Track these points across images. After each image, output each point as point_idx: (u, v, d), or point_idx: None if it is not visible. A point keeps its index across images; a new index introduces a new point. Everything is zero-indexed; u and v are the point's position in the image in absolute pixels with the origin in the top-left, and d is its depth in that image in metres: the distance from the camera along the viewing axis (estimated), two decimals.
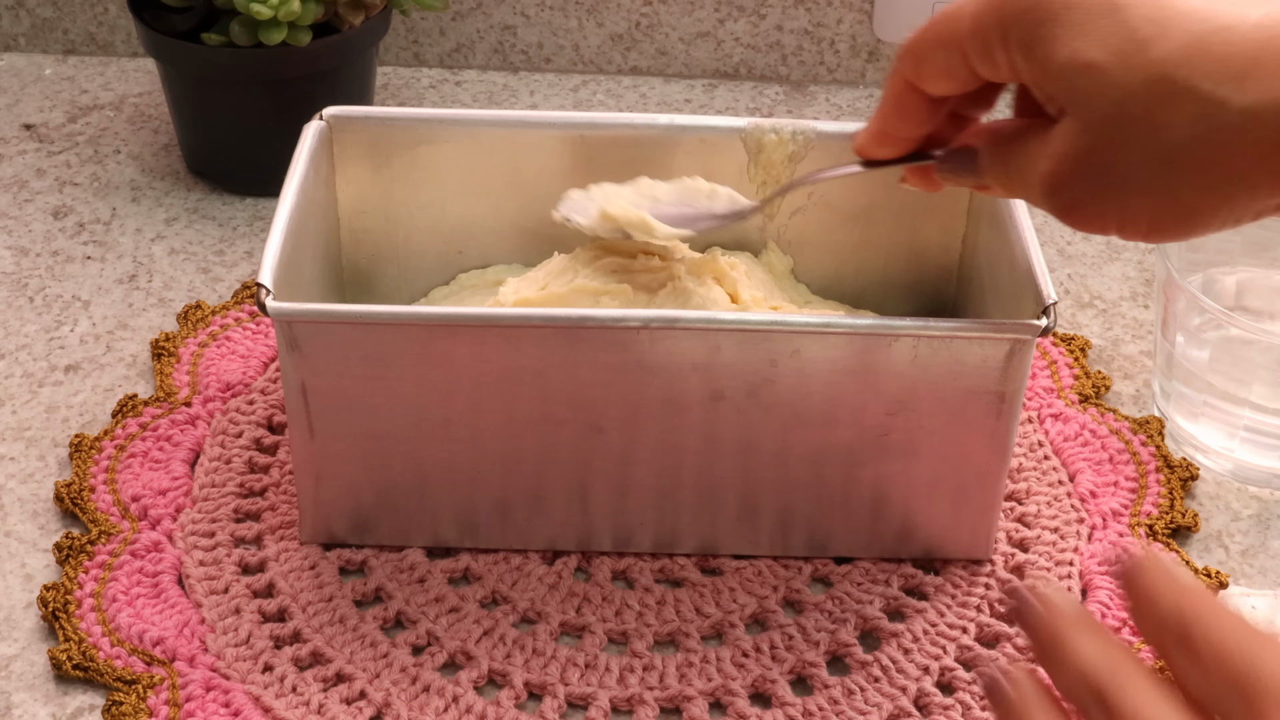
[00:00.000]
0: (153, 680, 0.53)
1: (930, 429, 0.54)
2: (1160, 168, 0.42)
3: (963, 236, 0.64)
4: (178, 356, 0.67)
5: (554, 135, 0.62)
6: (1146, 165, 0.42)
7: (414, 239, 0.65)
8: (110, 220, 0.77)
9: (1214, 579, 0.57)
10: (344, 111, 0.62)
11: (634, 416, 0.54)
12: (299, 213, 0.57)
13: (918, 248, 0.64)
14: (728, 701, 0.53)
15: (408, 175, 0.63)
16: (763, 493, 0.56)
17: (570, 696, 0.53)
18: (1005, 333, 0.52)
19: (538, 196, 0.63)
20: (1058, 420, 0.65)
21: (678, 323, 0.52)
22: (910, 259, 0.65)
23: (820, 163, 0.62)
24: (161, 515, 0.59)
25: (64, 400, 0.65)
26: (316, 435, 0.55)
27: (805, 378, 0.53)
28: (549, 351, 0.52)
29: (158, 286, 0.72)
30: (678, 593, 0.57)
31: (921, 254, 0.64)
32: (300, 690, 0.53)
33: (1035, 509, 0.60)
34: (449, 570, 0.57)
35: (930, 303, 0.65)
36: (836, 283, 0.65)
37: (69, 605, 0.55)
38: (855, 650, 0.55)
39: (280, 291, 0.53)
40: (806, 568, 0.58)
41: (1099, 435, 0.64)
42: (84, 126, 0.84)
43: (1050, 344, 0.69)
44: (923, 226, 0.64)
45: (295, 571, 0.57)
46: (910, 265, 0.65)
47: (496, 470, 0.56)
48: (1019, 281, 0.55)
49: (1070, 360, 0.68)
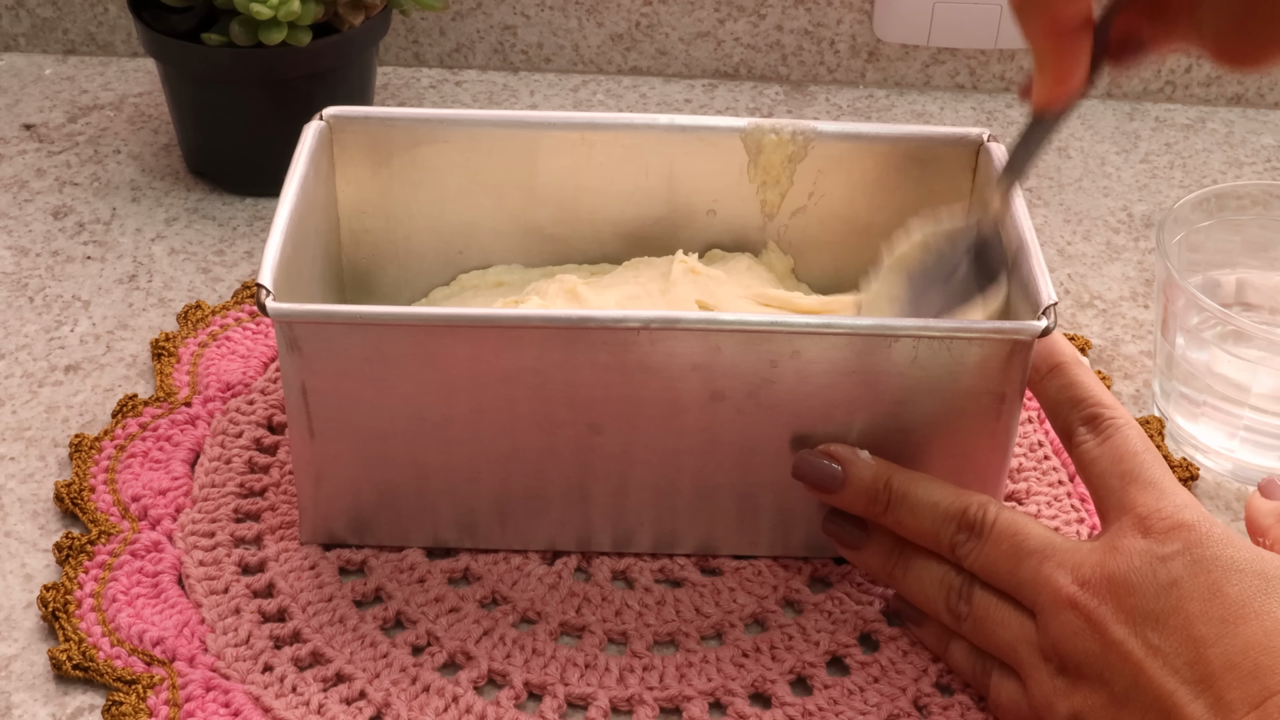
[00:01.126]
0: (153, 680, 0.53)
1: (930, 430, 0.54)
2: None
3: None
4: (178, 356, 0.67)
5: (554, 135, 0.62)
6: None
7: (414, 239, 0.65)
8: (110, 220, 0.77)
9: None
10: (344, 111, 0.62)
11: (634, 417, 0.54)
12: (299, 213, 0.57)
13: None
14: (727, 701, 0.53)
15: (408, 175, 0.63)
16: (762, 493, 0.56)
17: (570, 696, 0.53)
18: (1005, 334, 0.52)
19: (538, 196, 0.63)
20: None
21: (678, 323, 0.52)
22: None
23: (820, 164, 0.62)
24: (161, 515, 0.59)
25: (64, 400, 0.65)
26: (316, 435, 0.55)
27: (805, 378, 0.53)
28: (548, 352, 0.52)
29: (158, 286, 0.72)
30: (677, 593, 0.57)
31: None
32: (300, 690, 0.53)
33: (1035, 509, 0.60)
34: (449, 570, 0.57)
35: None
36: (836, 283, 0.65)
37: (69, 605, 0.55)
38: (855, 651, 0.55)
39: (280, 292, 0.53)
40: (806, 568, 0.58)
41: None
42: (84, 126, 0.84)
43: None
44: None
45: (295, 571, 0.57)
46: None
47: (496, 470, 0.56)
48: (1019, 282, 0.55)
49: None
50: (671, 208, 0.64)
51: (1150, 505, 0.49)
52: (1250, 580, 0.46)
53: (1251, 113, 0.90)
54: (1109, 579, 0.47)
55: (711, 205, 0.64)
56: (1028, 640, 0.49)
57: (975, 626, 0.51)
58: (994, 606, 0.51)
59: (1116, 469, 0.50)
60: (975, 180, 0.62)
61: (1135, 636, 0.46)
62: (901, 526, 0.53)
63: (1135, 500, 0.49)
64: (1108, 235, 0.78)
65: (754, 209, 0.64)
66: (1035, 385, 0.55)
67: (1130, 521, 0.49)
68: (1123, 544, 0.48)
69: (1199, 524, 0.48)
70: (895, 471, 0.53)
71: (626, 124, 0.63)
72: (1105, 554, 0.48)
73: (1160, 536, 0.48)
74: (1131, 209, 0.81)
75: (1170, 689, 0.45)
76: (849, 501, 0.54)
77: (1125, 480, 0.50)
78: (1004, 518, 0.51)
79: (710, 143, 0.62)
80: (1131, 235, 0.78)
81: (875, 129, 0.63)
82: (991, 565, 0.51)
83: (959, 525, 0.52)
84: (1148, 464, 0.50)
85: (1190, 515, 0.48)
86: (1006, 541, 0.50)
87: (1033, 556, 0.50)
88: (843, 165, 0.62)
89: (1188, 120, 0.89)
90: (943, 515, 0.52)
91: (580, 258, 0.65)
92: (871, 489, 0.53)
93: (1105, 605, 0.47)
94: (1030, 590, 0.49)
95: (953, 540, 0.52)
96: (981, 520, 0.51)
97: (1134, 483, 0.50)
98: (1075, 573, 0.48)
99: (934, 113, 0.89)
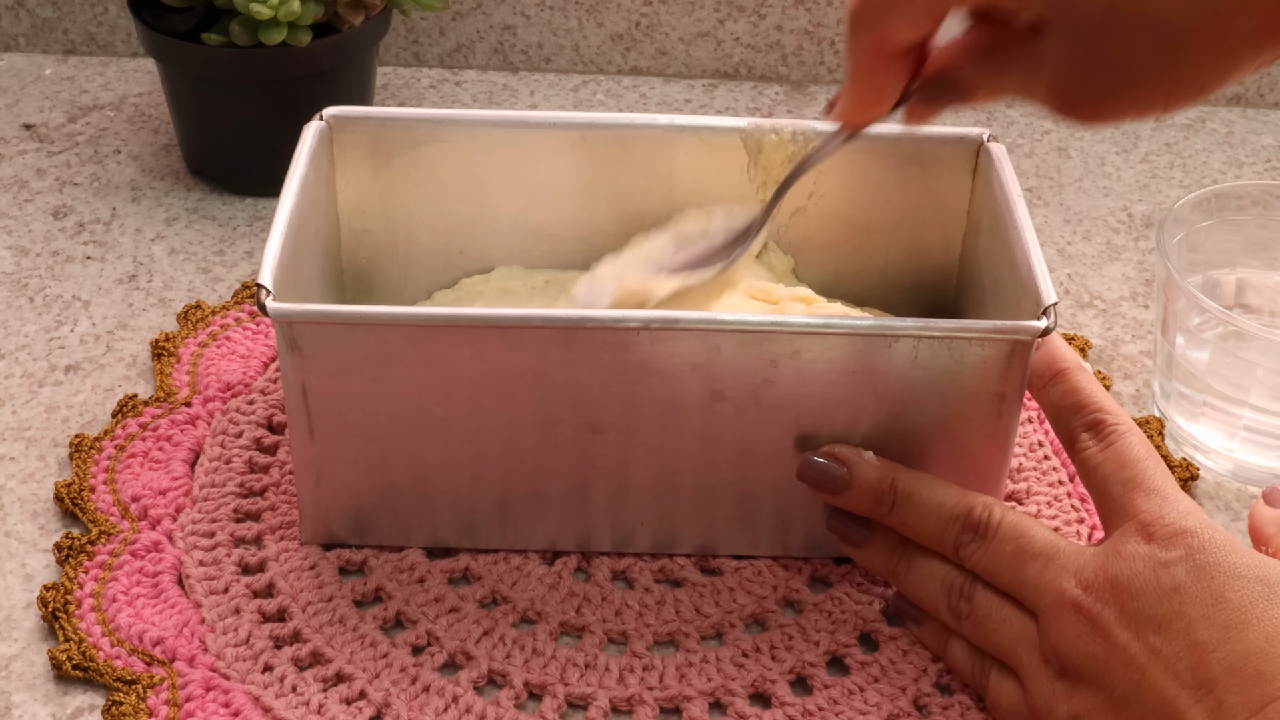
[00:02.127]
0: (153, 680, 0.53)
1: (931, 430, 0.54)
2: (1164, 53, 0.43)
3: (963, 236, 0.64)
4: (178, 356, 0.67)
5: (554, 135, 0.62)
6: (1150, 54, 0.43)
7: (414, 239, 0.64)
8: (110, 220, 0.77)
9: None
10: (344, 111, 0.62)
11: (633, 417, 0.54)
12: (299, 213, 0.57)
13: (918, 249, 0.64)
14: (727, 701, 0.53)
15: (408, 175, 0.63)
16: (762, 493, 0.56)
17: (570, 696, 0.53)
18: (1005, 334, 0.52)
19: (538, 196, 0.63)
20: None
21: (678, 323, 0.52)
22: (910, 260, 0.65)
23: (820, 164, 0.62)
24: (161, 515, 0.59)
25: (64, 400, 0.65)
26: (316, 436, 0.55)
27: (805, 378, 0.53)
28: (548, 352, 0.52)
29: (158, 286, 0.72)
30: (677, 593, 0.57)
31: (921, 255, 0.64)
32: (300, 690, 0.53)
33: (1035, 509, 0.60)
34: (449, 570, 0.57)
35: (930, 303, 0.65)
36: (836, 283, 0.65)
37: (69, 605, 0.55)
38: (855, 650, 0.55)
39: (280, 292, 0.53)
40: (806, 568, 0.58)
41: None
42: (84, 126, 0.84)
43: None
44: (923, 228, 0.64)
45: (295, 571, 0.57)
46: (910, 266, 0.65)
47: (496, 470, 0.56)
48: (1019, 282, 0.55)
49: None
50: (671, 207, 0.63)
51: (1153, 511, 0.49)
52: (1252, 586, 0.46)
53: (1251, 113, 0.90)
54: (1112, 583, 0.47)
55: (711, 205, 0.64)
56: (1028, 641, 0.49)
57: (976, 626, 0.51)
58: (996, 606, 0.51)
59: (1119, 475, 0.50)
60: (975, 180, 0.62)
61: (1138, 640, 0.46)
62: (906, 527, 0.53)
63: (1138, 507, 0.49)
64: (1108, 235, 0.78)
65: (754, 209, 0.64)
66: (1038, 392, 0.55)
67: (1133, 527, 0.49)
68: (1126, 549, 0.48)
69: (1201, 530, 0.48)
70: (900, 472, 0.53)
71: (626, 124, 0.63)
72: (1108, 558, 0.48)
73: (1163, 542, 0.48)
74: (1132, 209, 0.81)
75: (1172, 694, 0.45)
76: (854, 503, 0.54)
77: (1128, 487, 0.50)
78: (1009, 520, 0.51)
79: (710, 143, 0.62)
80: (1131, 235, 0.78)
81: (875, 129, 0.62)
82: (995, 566, 0.51)
83: (963, 526, 0.52)
84: (1150, 471, 0.50)
85: (1193, 522, 0.48)
86: (1011, 544, 0.50)
87: (1037, 559, 0.50)
88: (843, 165, 0.62)
89: (1188, 120, 0.89)
90: (947, 516, 0.52)
91: (580, 258, 0.64)
92: (877, 490, 0.53)
93: (1108, 609, 0.47)
94: (1033, 591, 0.49)
95: (957, 540, 0.52)
96: (986, 522, 0.51)
97: (1137, 489, 0.50)
98: (1078, 576, 0.48)
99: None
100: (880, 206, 0.63)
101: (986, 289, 0.60)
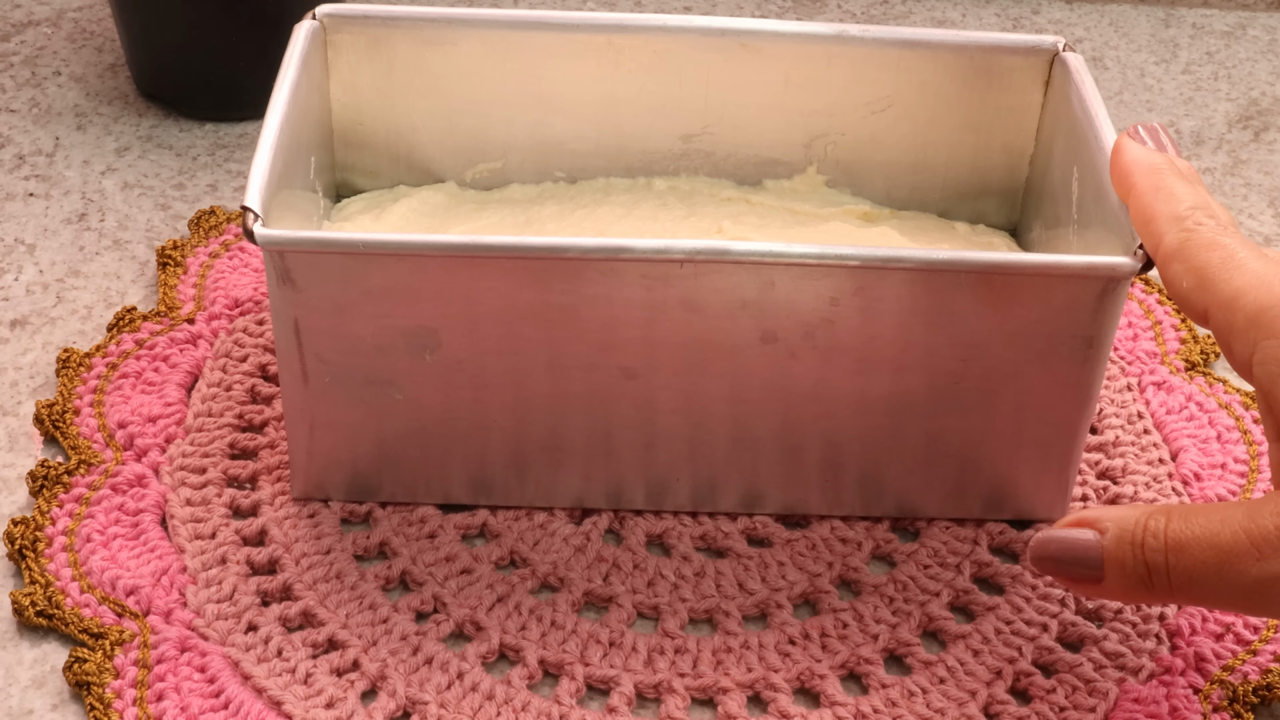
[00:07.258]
0: (122, 636, 0.47)
1: (1008, 376, 0.49)
2: None
3: (1030, 159, 0.58)
4: (185, 266, 0.62)
5: (577, 38, 0.57)
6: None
7: (417, 154, 0.59)
8: (53, 152, 0.70)
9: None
10: (340, 9, 0.56)
11: (673, 360, 0.48)
12: (290, 126, 0.51)
13: (980, 169, 0.59)
14: (769, 697, 0.47)
15: (412, 83, 0.58)
16: (811, 445, 0.51)
17: (590, 679, 0.47)
18: (1099, 272, 0.46)
19: (558, 108, 0.58)
20: (1160, 389, 0.58)
21: (727, 255, 0.46)
22: (971, 178, 0.59)
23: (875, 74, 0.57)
24: (149, 445, 0.53)
25: (11, 361, 0.58)
26: (311, 380, 0.49)
27: (869, 318, 0.47)
28: (580, 286, 0.47)
29: (111, 226, 0.66)
30: (719, 564, 0.51)
31: (984, 174, 0.59)
32: (286, 655, 0.47)
33: (1132, 490, 0.54)
34: (463, 526, 0.51)
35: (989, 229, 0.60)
36: (890, 205, 0.60)
37: (38, 544, 0.50)
38: (917, 648, 0.48)
39: (270, 216, 0.47)
40: (867, 543, 0.51)
41: (1206, 409, 0.57)
42: (18, 46, 0.77)
43: (1155, 301, 0.62)
44: (985, 148, 0.59)
45: (291, 519, 0.51)
46: (971, 189, 0.60)
47: (516, 419, 0.50)
48: (1107, 211, 0.49)
49: (1177, 321, 0.61)
50: (706, 122, 0.58)
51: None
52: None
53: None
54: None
55: (751, 119, 0.59)
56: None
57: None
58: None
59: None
60: (1048, 95, 0.57)
61: None
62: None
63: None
64: None
65: (798, 124, 0.59)
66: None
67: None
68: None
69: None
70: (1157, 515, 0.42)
71: (659, 26, 0.57)
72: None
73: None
74: (1179, 124, 0.75)
75: None
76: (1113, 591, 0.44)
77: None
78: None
79: (753, 49, 0.57)
80: (1184, 153, 0.72)
81: (937, 35, 0.57)
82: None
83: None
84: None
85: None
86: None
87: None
88: (900, 77, 0.57)
89: (1226, 26, 0.84)
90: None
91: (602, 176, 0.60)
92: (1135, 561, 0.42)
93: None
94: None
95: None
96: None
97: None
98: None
99: (955, 19, 0.83)
100: (941, 123, 0.58)
101: (1062, 218, 0.55)
